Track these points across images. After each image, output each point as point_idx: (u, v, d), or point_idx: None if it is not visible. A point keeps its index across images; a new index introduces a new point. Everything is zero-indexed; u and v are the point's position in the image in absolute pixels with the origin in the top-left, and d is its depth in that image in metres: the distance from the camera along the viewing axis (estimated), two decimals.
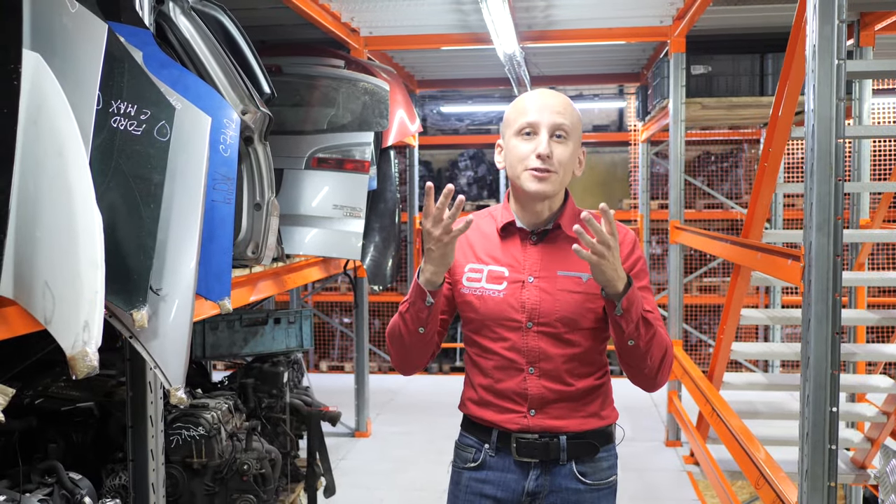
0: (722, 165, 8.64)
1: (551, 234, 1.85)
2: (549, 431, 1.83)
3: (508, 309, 1.81)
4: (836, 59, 2.19)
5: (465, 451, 1.92)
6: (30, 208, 1.65)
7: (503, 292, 1.82)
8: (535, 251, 1.84)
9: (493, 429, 1.86)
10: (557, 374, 1.81)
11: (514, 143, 1.82)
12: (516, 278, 1.82)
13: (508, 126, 1.85)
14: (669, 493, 4.56)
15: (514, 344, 1.82)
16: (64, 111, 1.70)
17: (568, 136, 1.82)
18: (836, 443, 2.24)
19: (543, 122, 1.80)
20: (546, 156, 1.78)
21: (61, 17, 1.83)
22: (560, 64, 7.01)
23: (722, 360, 3.97)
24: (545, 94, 1.86)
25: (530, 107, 1.82)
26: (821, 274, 2.22)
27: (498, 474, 1.87)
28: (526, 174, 1.80)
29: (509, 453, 1.85)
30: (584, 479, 1.85)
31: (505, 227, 1.87)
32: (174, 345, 2.01)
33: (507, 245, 1.87)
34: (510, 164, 1.84)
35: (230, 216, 2.29)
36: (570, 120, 1.83)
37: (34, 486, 2.08)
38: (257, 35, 5.06)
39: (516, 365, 1.82)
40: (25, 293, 1.65)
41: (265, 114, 2.88)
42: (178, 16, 2.59)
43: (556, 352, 1.81)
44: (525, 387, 1.82)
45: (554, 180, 1.80)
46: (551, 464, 1.84)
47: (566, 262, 1.82)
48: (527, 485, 1.85)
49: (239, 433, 3.20)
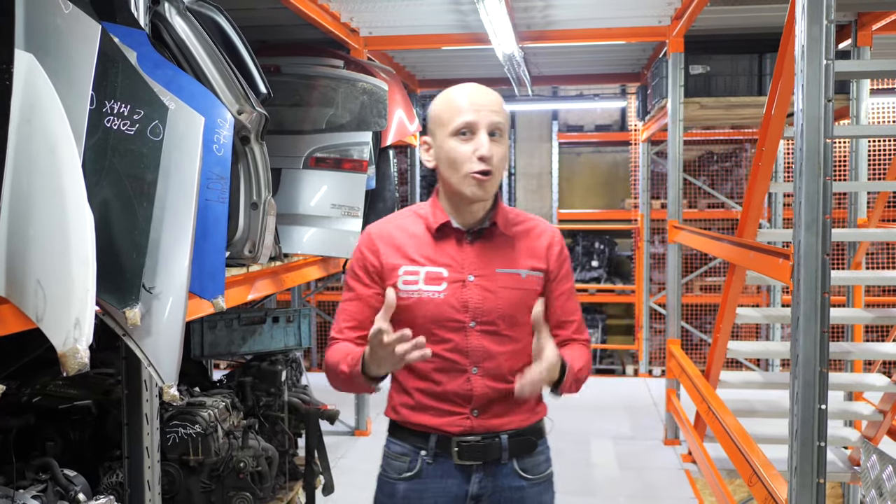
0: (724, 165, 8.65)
1: (487, 232, 1.84)
2: (492, 431, 1.82)
3: (450, 310, 1.78)
4: (825, 59, 2.21)
5: (398, 459, 1.86)
6: (22, 207, 1.67)
7: (443, 293, 1.78)
8: (472, 250, 1.82)
9: (432, 434, 1.82)
10: (500, 372, 1.81)
11: (452, 144, 1.77)
12: (456, 278, 1.80)
13: (441, 125, 1.79)
14: (667, 491, 4.57)
15: (456, 345, 1.79)
16: (57, 111, 1.73)
17: (503, 136, 1.79)
18: (824, 440, 2.25)
19: (482, 122, 1.75)
20: (489, 157, 1.74)
21: (55, 17, 1.85)
22: (560, 64, 7.03)
23: (718, 359, 3.99)
24: (478, 90, 1.80)
25: (466, 105, 1.77)
26: (809, 272, 2.24)
27: (437, 482, 1.82)
28: (467, 179, 1.76)
29: (449, 458, 1.82)
30: (525, 475, 1.86)
31: (440, 228, 1.83)
32: (167, 343, 2.03)
33: (442, 245, 1.83)
34: (447, 165, 1.79)
35: (224, 215, 2.31)
36: (503, 118, 1.80)
37: (28, 483, 2.10)
38: (257, 35, 5.09)
39: (459, 366, 1.80)
40: (18, 291, 1.67)
41: (261, 114, 2.90)
42: (174, 16, 2.61)
43: (498, 349, 1.80)
44: (469, 388, 1.80)
45: (493, 182, 1.78)
46: (493, 464, 1.83)
47: (504, 259, 1.82)
48: (470, 489, 1.82)
49: (236, 431, 3.21)
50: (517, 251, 1.84)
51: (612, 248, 9.56)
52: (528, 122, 9.77)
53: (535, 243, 1.86)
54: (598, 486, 4.65)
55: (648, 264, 7.88)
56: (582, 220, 9.58)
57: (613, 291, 9.31)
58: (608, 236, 9.55)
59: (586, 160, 9.92)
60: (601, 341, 9.35)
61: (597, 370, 9.38)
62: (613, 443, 5.42)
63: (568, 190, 9.86)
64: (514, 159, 9.88)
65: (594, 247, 9.55)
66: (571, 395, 1.84)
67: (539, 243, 1.86)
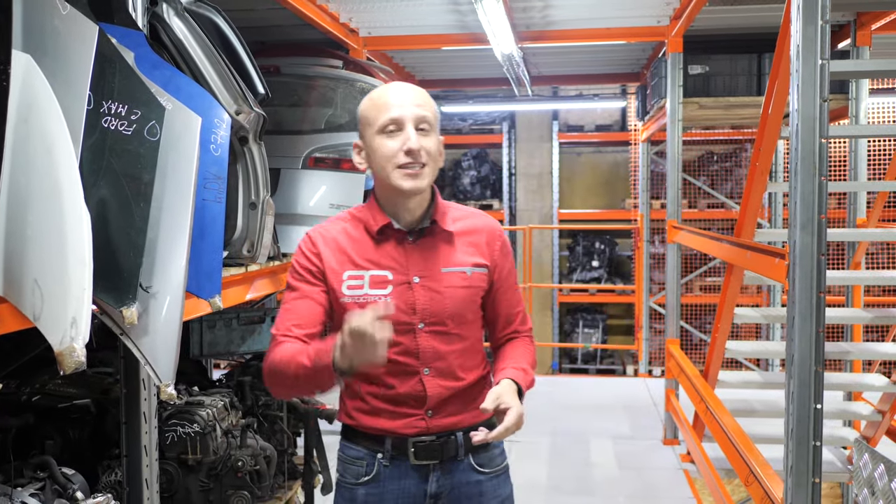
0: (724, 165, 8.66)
1: (428, 230, 1.83)
2: (447, 430, 1.82)
3: (398, 313, 1.75)
4: (820, 59, 2.22)
5: (355, 464, 1.85)
6: (19, 207, 1.68)
7: (389, 296, 1.77)
8: (415, 250, 1.81)
9: (387, 437, 1.82)
10: (451, 371, 1.82)
11: (380, 141, 1.77)
12: (401, 280, 1.79)
13: (369, 125, 1.79)
14: (666, 491, 4.58)
15: (406, 347, 1.78)
16: (54, 111, 1.74)
17: (431, 128, 1.78)
18: (820, 439, 2.26)
19: (407, 116, 1.75)
20: (416, 150, 1.74)
21: (52, 18, 1.86)
22: (560, 64, 7.03)
23: (716, 359, 3.99)
24: (402, 87, 1.81)
25: (391, 102, 1.77)
26: (805, 272, 2.24)
27: (396, 483, 1.83)
28: (397, 172, 1.75)
29: (406, 459, 1.82)
30: (482, 469, 1.87)
31: (381, 230, 1.82)
32: (164, 342, 2.04)
33: (384, 248, 1.82)
34: (377, 164, 1.78)
35: (221, 215, 2.33)
36: (431, 111, 1.79)
37: (27, 481, 2.11)
38: (256, 36, 5.09)
39: (410, 368, 1.79)
40: (15, 290, 1.68)
41: (259, 114, 2.90)
42: (172, 17, 2.62)
43: (447, 349, 1.81)
44: (421, 389, 1.80)
45: (427, 174, 1.77)
46: (449, 462, 1.84)
47: (448, 257, 1.82)
48: (428, 488, 1.83)
49: (234, 430, 3.22)
50: (461, 248, 1.84)
51: (612, 248, 9.56)
52: (528, 122, 9.77)
53: (477, 239, 1.86)
54: (596, 486, 4.66)
55: (648, 264, 7.89)
56: (582, 220, 9.59)
57: (614, 291, 9.32)
58: (609, 236, 9.56)
59: (587, 160, 9.93)
60: (601, 341, 9.36)
61: (597, 370, 9.39)
62: (613, 442, 5.43)
63: (569, 190, 9.86)
64: (514, 159, 9.88)
65: (594, 247, 9.56)
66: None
67: (481, 239, 1.87)
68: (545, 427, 5.79)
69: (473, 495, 1.85)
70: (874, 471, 1.92)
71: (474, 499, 1.86)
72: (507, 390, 1.72)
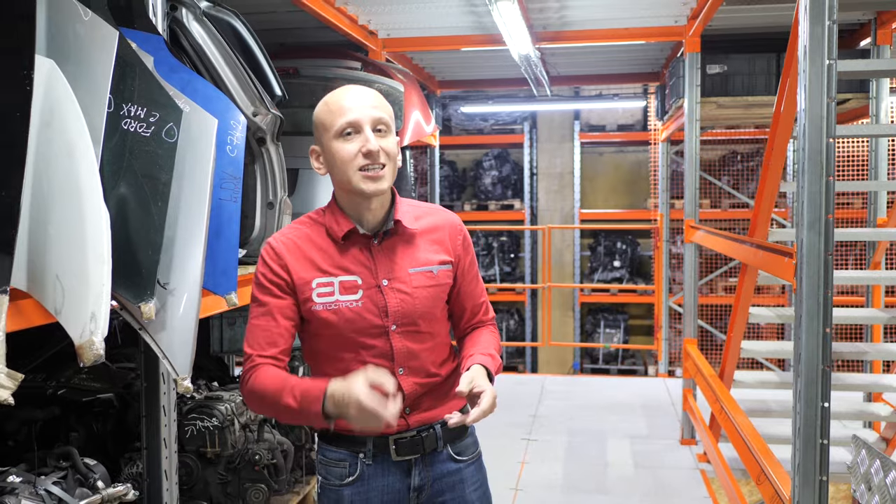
0: (748, 164, 8.61)
1: (392, 232, 1.84)
2: (425, 424, 1.87)
3: (370, 316, 1.79)
4: (827, 59, 2.23)
5: (337, 466, 1.87)
6: (42, 206, 1.75)
7: (360, 301, 1.79)
8: (381, 253, 1.82)
9: (368, 438, 1.84)
10: (424, 368, 1.85)
11: (337, 146, 1.76)
12: (371, 284, 1.80)
13: (325, 130, 1.79)
14: (682, 491, 4.58)
15: (380, 350, 1.81)
16: (75, 114, 1.80)
17: (388, 129, 1.78)
18: (827, 437, 2.28)
19: (364, 119, 1.75)
20: (376, 151, 1.74)
21: (74, 24, 1.93)
22: (579, 64, 7.04)
23: (732, 359, 3.99)
24: (356, 90, 1.81)
25: (346, 106, 1.77)
26: (812, 271, 2.26)
27: (379, 480, 1.86)
28: (358, 175, 1.75)
29: (388, 456, 1.85)
30: (460, 458, 1.92)
31: (346, 235, 1.82)
32: (181, 336, 2.11)
33: (350, 252, 1.82)
34: (337, 168, 1.78)
35: (237, 214, 2.38)
36: (387, 113, 1.79)
37: (50, 470, 2.19)
38: (276, 38, 5.17)
39: (385, 370, 1.80)
40: (38, 286, 1.75)
41: (276, 115, 2.97)
42: (191, 22, 2.69)
43: (419, 347, 1.84)
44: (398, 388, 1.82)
45: (387, 174, 1.78)
46: (429, 454, 1.88)
47: (414, 258, 1.84)
48: (411, 481, 1.87)
49: (252, 425, 3.30)
50: (425, 247, 1.86)
51: (634, 248, 9.54)
52: (549, 122, 9.79)
53: (440, 235, 1.89)
54: (612, 485, 4.68)
55: (668, 264, 7.87)
56: (604, 220, 9.58)
57: (635, 292, 9.30)
58: (631, 236, 9.54)
59: (609, 160, 9.92)
60: (623, 342, 9.34)
61: (619, 371, 9.38)
62: (630, 442, 5.43)
63: (590, 190, 9.86)
64: (535, 159, 9.90)
65: (616, 247, 9.55)
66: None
67: (444, 235, 1.89)
68: (562, 426, 5.81)
69: (455, 483, 1.91)
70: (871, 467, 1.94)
71: (456, 487, 1.91)
72: (479, 374, 1.76)
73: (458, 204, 9.79)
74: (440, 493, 1.90)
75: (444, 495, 1.90)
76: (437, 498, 1.90)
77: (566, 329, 9.67)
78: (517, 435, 5.59)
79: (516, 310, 9.85)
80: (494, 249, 9.76)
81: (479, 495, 1.94)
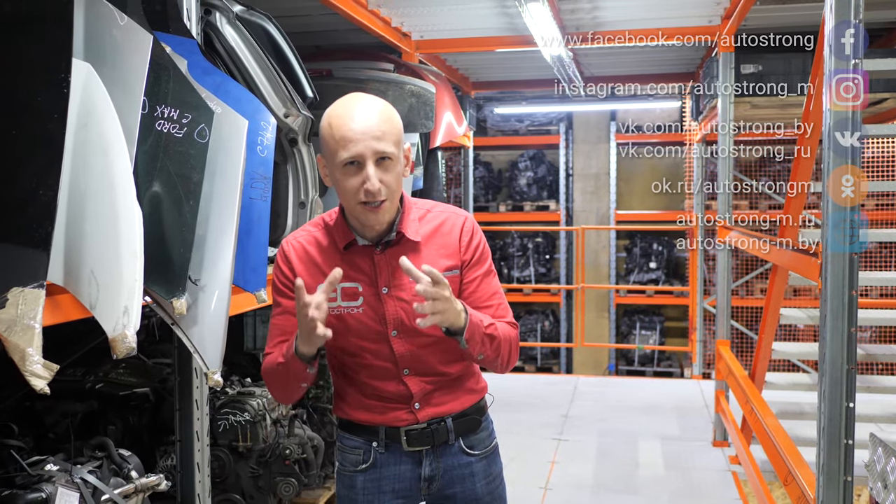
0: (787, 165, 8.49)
1: (395, 242, 1.85)
2: (436, 417, 1.89)
3: (370, 322, 1.83)
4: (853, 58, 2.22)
5: (353, 453, 1.95)
6: (78, 204, 1.82)
7: (361, 307, 1.83)
8: (383, 261, 1.84)
9: (380, 427, 1.90)
10: (431, 369, 1.87)
11: (341, 175, 1.76)
12: (371, 291, 1.83)
13: (330, 154, 1.77)
14: (712, 492, 4.55)
15: (382, 354, 1.85)
16: (111, 116, 1.87)
17: (393, 158, 1.75)
18: (852, 438, 2.26)
19: (367, 154, 1.72)
20: (376, 191, 1.73)
21: (111, 29, 2.00)
22: (614, 64, 7.02)
23: (763, 360, 3.96)
24: (362, 114, 1.75)
25: (349, 137, 1.73)
26: (836, 271, 2.25)
27: (392, 468, 1.92)
28: (359, 208, 1.77)
29: (400, 446, 1.90)
30: (472, 451, 1.94)
31: (347, 246, 1.85)
32: (212, 332, 2.17)
33: (354, 258, 1.85)
34: (340, 193, 1.80)
35: (266, 212, 2.45)
36: (392, 139, 1.75)
37: (86, 460, 2.27)
38: (312, 41, 5.26)
39: (390, 372, 1.86)
40: (73, 280, 1.82)
41: (307, 116, 3.03)
42: (224, 25, 2.77)
43: (423, 351, 1.85)
44: (404, 388, 1.87)
45: (387, 207, 1.78)
46: (441, 446, 1.91)
47: (417, 266, 1.78)
48: (423, 471, 1.91)
49: (283, 420, 3.37)
50: (429, 254, 1.86)
51: (670, 250, 9.46)
52: (585, 122, 9.75)
53: (446, 240, 1.88)
54: (641, 485, 4.66)
55: (703, 266, 7.80)
56: (640, 221, 9.52)
57: (671, 293, 9.22)
58: (667, 237, 9.46)
59: (646, 161, 9.85)
60: (659, 343, 9.28)
61: (654, 372, 9.31)
62: (661, 443, 5.41)
63: (626, 191, 9.80)
64: (571, 160, 9.88)
65: (652, 248, 9.48)
66: (486, 354, 1.80)
67: (450, 238, 1.88)
68: (593, 427, 5.80)
69: (465, 476, 1.94)
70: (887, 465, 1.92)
71: (466, 479, 1.94)
72: (453, 296, 1.70)
73: (494, 204, 9.81)
74: (450, 485, 1.93)
75: (454, 487, 1.93)
76: (447, 489, 1.94)
77: (602, 331, 9.63)
78: (548, 435, 5.60)
79: (551, 311, 9.84)
80: (529, 250, 9.76)
81: (489, 489, 1.97)
